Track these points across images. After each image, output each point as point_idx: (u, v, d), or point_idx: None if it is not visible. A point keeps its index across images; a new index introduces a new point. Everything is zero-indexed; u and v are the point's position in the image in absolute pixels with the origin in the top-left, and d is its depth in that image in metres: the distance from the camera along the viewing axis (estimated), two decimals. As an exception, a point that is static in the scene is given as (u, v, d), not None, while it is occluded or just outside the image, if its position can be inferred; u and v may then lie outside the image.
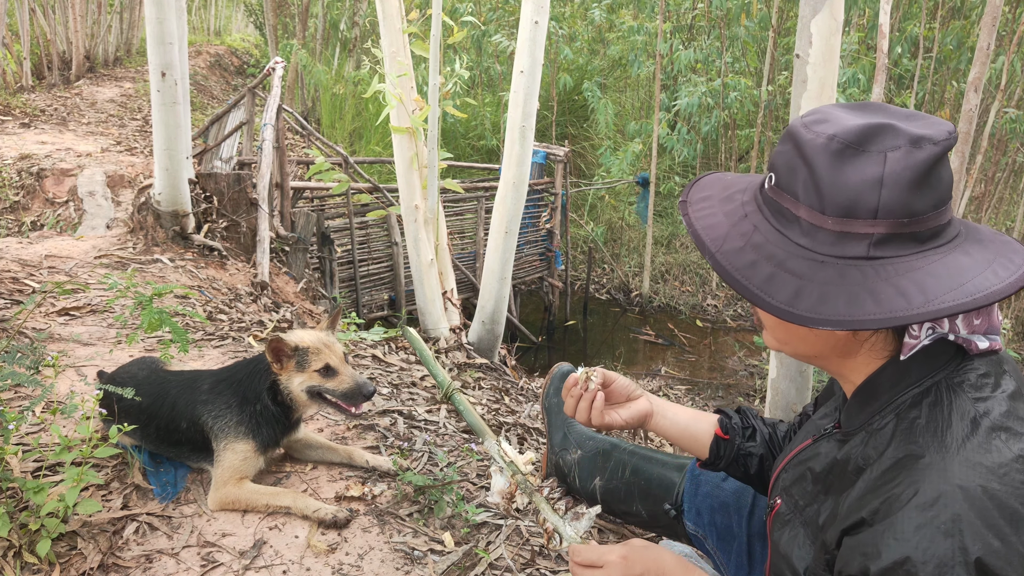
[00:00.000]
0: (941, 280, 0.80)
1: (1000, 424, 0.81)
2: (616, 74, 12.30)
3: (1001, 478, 0.77)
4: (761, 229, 0.89)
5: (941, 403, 0.85)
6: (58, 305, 2.98)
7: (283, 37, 14.88)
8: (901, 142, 0.81)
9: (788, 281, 0.83)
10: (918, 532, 0.77)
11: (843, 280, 0.81)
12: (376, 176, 9.91)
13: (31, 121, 8.86)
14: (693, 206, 0.97)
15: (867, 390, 0.93)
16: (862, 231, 0.82)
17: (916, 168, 0.80)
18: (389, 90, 3.75)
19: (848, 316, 0.79)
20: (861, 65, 7.78)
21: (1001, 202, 8.89)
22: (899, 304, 0.78)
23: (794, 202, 0.86)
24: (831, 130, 0.83)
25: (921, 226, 0.82)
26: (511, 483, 1.39)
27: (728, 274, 0.87)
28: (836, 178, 0.82)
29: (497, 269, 3.98)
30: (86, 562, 1.52)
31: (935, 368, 0.87)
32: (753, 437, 1.36)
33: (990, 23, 2.98)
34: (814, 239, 0.84)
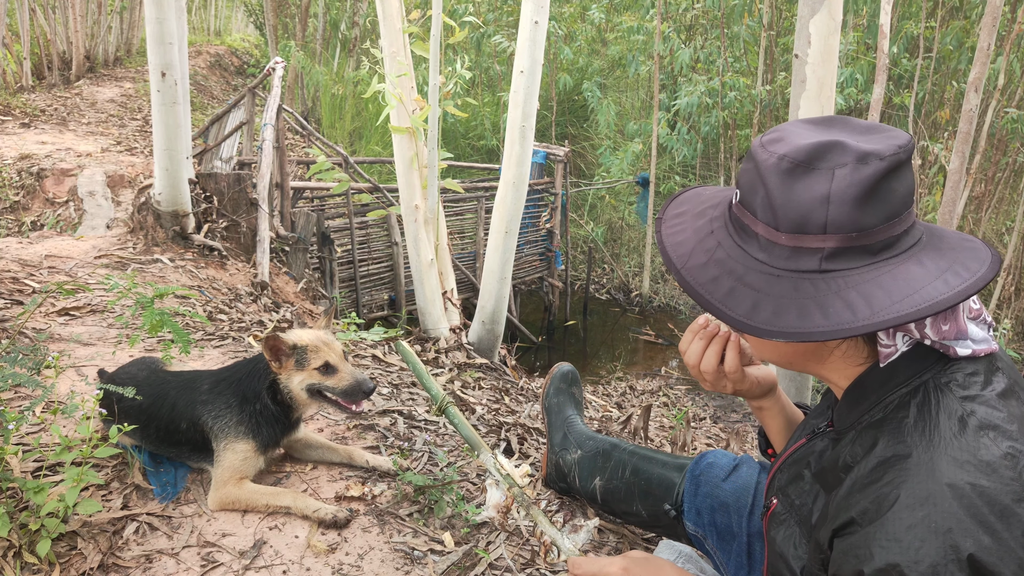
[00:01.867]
0: (889, 292, 0.82)
1: (988, 422, 0.82)
2: (616, 74, 12.30)
3: (990, 475, 0.78)
4: (724, 245, 0.92)
5: (928, 402, 0.86)
6: (58, 305, 2.99)
7: (283, 37, 14.88)
8: (848, 159, 0.83)
9: (747, 295, 0.86)
10: (909, 532, 0.78)
11: (796, 293, 0.84)
12: (376, 176, 9.91)
13: (31, 121, 8.86)
14: (667, 223, 1.00)
15: (856, 390, 0.95)
16: (813, 246, 0.85)
17: (862, 184, 0.82)
18: (389, 90, 3.75)
19: (799, 328, 0.82)
20: (859, 65, 7.78)
21: (1001, 202, 8.89)
22: (846, 316, 0.81)
23: (753, 219, 0.89)
24: (783, 149, 0.86)
25: (871, 239, 0.84)
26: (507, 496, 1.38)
27: (692, 288, 0.90)
28: (787, 196, 0.85)
29: (497, 269, 3.99)
30: (86, 562, 1.52)
31: (923, 368, 0.89)
32: None
33: (990, 23, 2.98)
34: (771, 254, 0.88)
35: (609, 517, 1.95)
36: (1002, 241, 8.58)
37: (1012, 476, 0.79)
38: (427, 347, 3.76)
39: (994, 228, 8.79)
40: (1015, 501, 0.78)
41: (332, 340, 1.83)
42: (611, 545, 1.83)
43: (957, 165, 3.17)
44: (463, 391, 2.93)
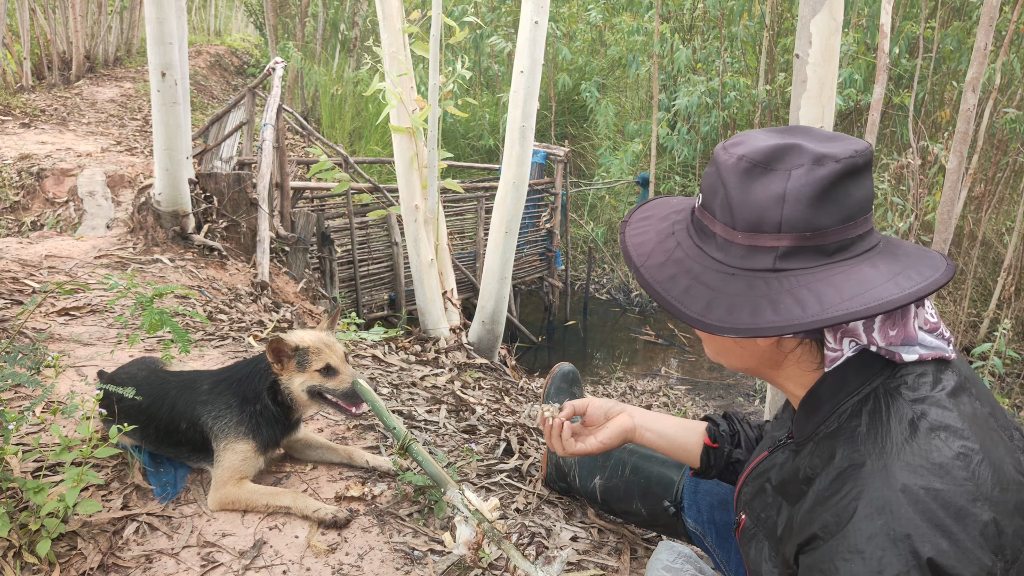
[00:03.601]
0: (840, 290, 0.83)
1: (939, 423, 0.83)
2: (616, 74, 12.30)
3: (943, 477, 0.79)
4: (684, 245, 0.94)
5: (879, 409, 0.87)
6: (58, 305, 2.98)
7: (283, 37, 14.88)
8: (804, 160, 0.85)
9: (702, 293, 0.88)
10: (870, 543, 0.79)
11: (750, 291, 0.86)
12: (376, 176, 9.91)
13: (31, 121, 8.86)
14: (631, 226, 1.03)
15: (810, 400, 0.96)
16: (768, 244, 0.86)
17: (816, 184, 0.84)
18: (389, 89, 3.75)
19: (751, 324, 0.83)
20: (858, 65, 7.77)
21: (1002, 202, 8.89)
22: (796, 312, 0.83)
23: (712, 219, 0.91)
24: (742, 151, 0.89)
25: (825, 239, 0.86)
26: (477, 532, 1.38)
27: (650, 286, 0.92)
28: (744, 195, 0.87)
29: (497, 269, 3.99)
30: (86, 562, 1.52)
31: (872, 375, 0.90)
32: (739, 443, 1.38)
33: (987, 23, 2.98)
34: (727, 253, 0.90)
35: (609, 517, 1.95)
36: (1002, 241, 8.58)
37: (965, 476, 0.79)
38: (427, 347, 3.76)
39: (994, 228, 8.79)
40: (970, 501, 0.79)
41: (334, 342, 1.83)
42: (611, 545, 1.83)
43: (955, 165, 3.17)
44: (463, 391, 2.93)
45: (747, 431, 1.39)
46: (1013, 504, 0.81)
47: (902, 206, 6.24)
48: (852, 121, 9.50)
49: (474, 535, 1.38)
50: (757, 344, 0.95)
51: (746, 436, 1.38)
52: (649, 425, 1.41)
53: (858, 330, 0.89)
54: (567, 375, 2.15)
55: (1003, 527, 0.79)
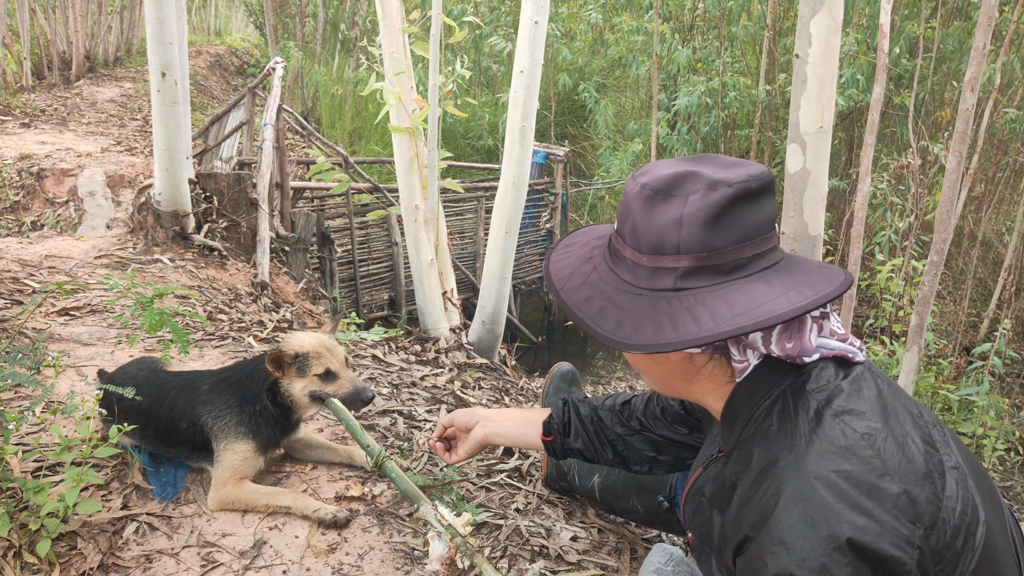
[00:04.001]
0: (733, 306, 0.89)
1: (843, 408, 0.89)
2: (616, 74, 12.30)
3: (851, 458, 0.84)
4: (599, 269, 1.01)
5: (788, 407, 0.92)
6: (58, 305, 2.98)
7: (283, 37, 14.88)
8: (700, 186, 0.91)
9: (613, 313, 0.94)
10: (791, 532, 0.82)
11: (654, 310, 0.92)
12: (376, 176, 9.91)
13: (31, 121, 8.86)
14: (556, 252, 1.10)
15: (729, 411, 1.01)
16: (669, 265, 0.93)
17: (710, 208, 0.90)
18: (388, 88, 3.75)
19: (653, 341, 0.89)
20: (859, 65, 7.77)
21: (1002, 202, 8.89)
22: (692, 328, 0.88)
23: (623, 244, 0.98)
24: (645, 180, 0.96)
25: (721, 259, 0.91)
26: (450, 547, 1.41)
27: (567, 307, 0.98)
28: (647, 220, 0.93)
29: (497, 269, 3.99)
30: (86, 562, 1.52)
31: (780, 378, 0.95)
32: (568, 431, 1.53)
33: (986, 23, 2.98)
34: (635, 275, 0.96)
35: (609, 517, 1.95)
36: (1002, 241, 8.58)
37: (872, 454, 0.84)
38: (427, 347, 3.75)
39: (994, 228, 8.79)
40: (879, 477, 0.83)
41: (335, 346, 1.83)
42: (611, 545, 1.83)
43: (955, 165, 3.17)
44: (463, 391, 2.93)
45: (583, 412, 1.53)
46: (922, 474, 0.85)
47: (902, 206, 6.24)
48: (853, 121, 9.50)
49: (447, 550, 1.41)
50: (670, 360, 1.00)
51: (580, 418, 1.52)
52: (498, 431, 1.57)
53: (757, 343, 0.94)
54: (566, 375, 2.15)
55: (915, 496, 0.83)
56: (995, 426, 4.60)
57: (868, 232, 7.60)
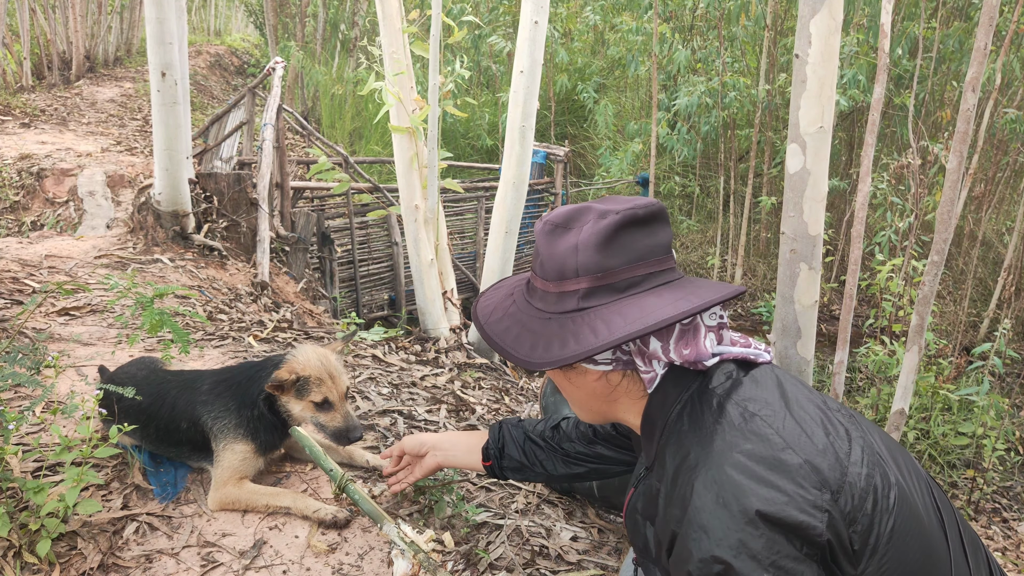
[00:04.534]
0: (625, 317, 0.97)
1: (743, 397, 0.96)
2: (616, 74, 12.29)
3: (751, 438, 0.90)
4: (518, 303, 1.10)
5: (696, 407, 0.99)
6: (58, 305, 2.98)
7: (283, 37, 14.87)
8: (591, 216, 1.02)
9: (527, 337, 1.03)
10: (708, 516, 0.87)
11: (561, 330, 1.00)
12: (376, 176, 9.91)
13: (31, 121, 8.86)
14: (484, 295, 1.19)
15: (646, 424, 1.07)
16: (571, 288, 1.02)
17: (600, 233, 1.00)
18: (388, 88, 3.75)
19: (560, 356, 0.98)
20: (860, 65, 7.77)
21: (1002, 202, 8.89)
22: (590, 340, 0.97)
23: (535, 276, 1.08)
24: (549, 217, 1.07)
25: (615, 278, 1.00)
26: (414, 564, 1.45)
27: (490, 337, 1.07)
28: (550, 250, 1.04)
29: (497, 269, 3.98)
30: (86, 562, 1.52)
31: (688, 384, 1.02)
32: (503, 455, 1.62)
33: (987, 23, 2.97)
34: (545, 302, 1.05)
35: (609, 517, 1.95)
36: (1002, 241, 8.58)
37: (772, 432, 0.91)
38: (427, 347, 3.75)
39: (994, 228, 8.79)
40: (780, 451, 0.89)
41: (339, 373, 1.80)
42: (611, 545, 1.83)
43: (955, 165, 3.17)
44: (463, 391, 2.93)
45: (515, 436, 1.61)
46: (822, 446, 0.91)
47: (902, 206, 6.24)
48: (853, 121, 9.50)
49: (411, 567, 1.45)
50: (588, 382, 1.08)
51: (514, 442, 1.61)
52: (447, 460, 1.69)
53: (658, 352, 1.01)
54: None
55: (817, 464, 0.89)
56: (995, 426, 4.60)
57: (868, 232, 7.61)
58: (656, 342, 1.01)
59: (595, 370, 1.06)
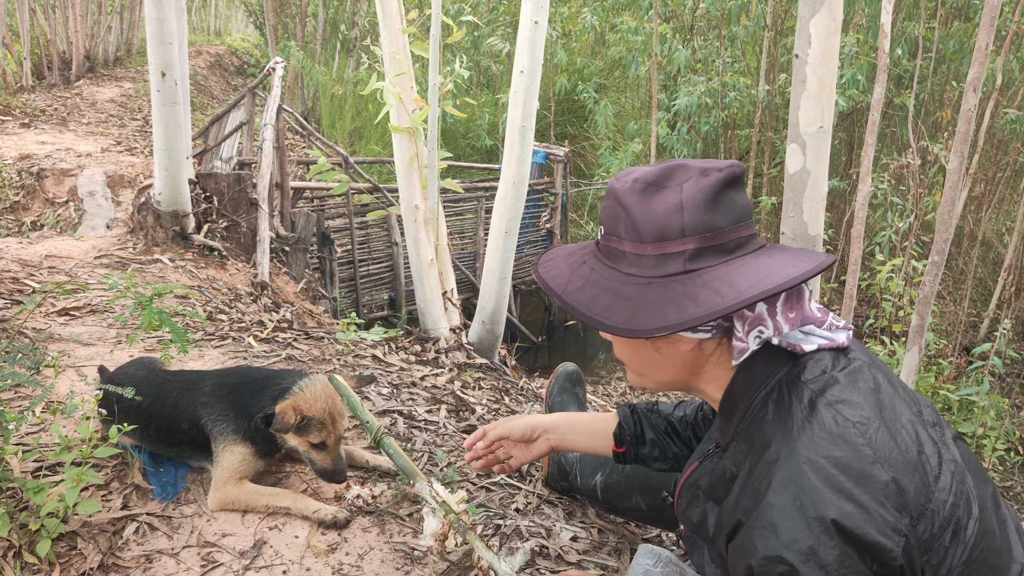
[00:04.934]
0: (748, 276, 0.93)
1: (836, 399, 0.91)
2: (616, 74, 12.29)
3: (841, 445, 0.86)
4: (597, 270, 1.03)
5: (783, 397, 0.95)
6: (58, 305, 2.98)
7: (283, 37, 14.87)
8: (691, 174, 0.97)
9: (624, 305, 0.96)
10: (780, 515, 0.84)
11: (668, 294, 0.94)
12: (376, 176, 9.91)
13: (31, 121, 8.86)
14: (542, 265, 1.12)
15: (726, 403, 1.03)
16: (676, 250, 0.96)
17: (707, 191, 0.95)
18: (389, 89, 3.75)
19: (677, 320, 0.91)
20: (860, 65, 7.77)
21: (1002, 202, 8.89)
22: (715, 301, 0.91)
23: (619, 240, 1.01)
24: (635, 176, 1.00)
25: (724, 239, 0.96)
26: (444, 524, 1.41)
27: (574, 308, 1.00)
28: (646, 211, 0.97)
29: (497, 269, 3.99)
30: (86, 562, 1.52)
31: (776, 368, 0.98)
32: (643, 441, 1.49)
33: (988, 23, 2.98)
34: (640, 267, 0.98)
35: (609, 517, 1.95)
36: (1002, 241, 8.58)
37: (863, 442, 0.86)
38: (427, 347, 3.75)
39: (994, 228, 8.79)
40: (869, 464, 0.84)
41: (340, 416, 1.78)
42: (611, 545, 1.83)
43: (956, 165, 3.17)
44: (463, 391, 2.93)
45: (655, 422, 1.49)
46: (912, 464, 0.87)
47: (902, 206, 6.24)
48: (853, 121, 9.50)
49: (441, 526, 1.41)
50: (681, 352, 1.02)
51: (652, 429, 1.49)
52: (564, 444, 1.56)
53: (764, 316, 0.97)
54: (571, 375, 2.15)
55: (904, 486, 0.84)
56: (995, 426, 4.60)
57: (868, 232, 7.60)
58: (762, 306, 0.96)
59: (691, 338, 1.00)
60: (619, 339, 1.08)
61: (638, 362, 1.09)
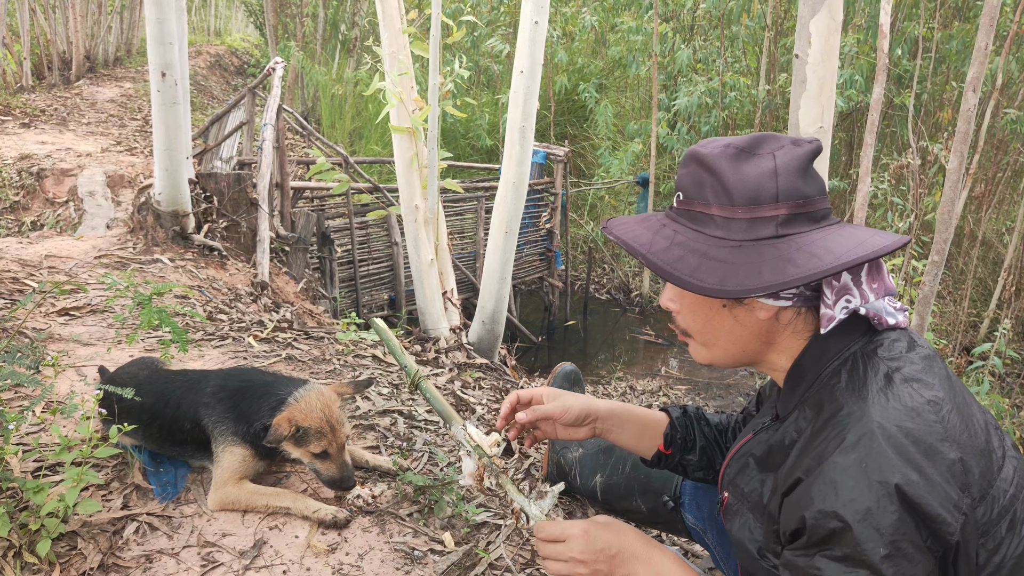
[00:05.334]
0: (842, 243, 0.94)
1: (913, 376, 0.92)
2: (616, 74, 12.29)
3: (915, 418, 0.87)
4: (680, 232, 1.01)
5: (857, 368, 0.96)
6: (58, 305, 2.98)
7: (283, 37, 14.86)
8: (784, 143, 0.98)
9: (714, 267, 0.95)
10: (843, 474, 0.85)
11: (761, 256, 0.94)
12: (376, 176, 9.91)
13: (31, 121, 8.86)
14: (616, 228, 1.10)
15: (794, 373, 1.03)
16: (768, 214, 0.96)
17: (800, 159, 0.97)
18: (389, 89, 3.75)
19: (774, 281, 0.91)
20: (859, 65, 7.77)
21: (1002, 202, 8.89)
22: (814, 263, 0.91)
23: (706, 205, 0.99)
24: (724, 142, 1.00)
25: (813, 207, 0.97)
26: (479, 465, 1.40)
27: (661, 268, 0.98)
28: (738, 175, 0.97)
29: (497, 269, 3.99)
30: (86, 562, 1.52)
31: (851, 342, 0.99)
32: (692, 449, 1.42)
33: (988, 23, 2.98)
34: (728, 230, 0.97)
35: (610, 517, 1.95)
36: (1002, 241, 8.58)
37: (935, 419, 0.87)
38: (427, 347, 3.75)
39: (994, 228, 8.79)
40: (939, 440, 0.86)
41: (340, 424, 1.75)
42: (611, 545, 1.83)
43: (956, 165, 3.17)
44: (463, 391, 2.93)
45: (705, 431, 1.42)
46: (980, 449, 0.88)
47: (902, 206, 6.24)
48: (853, 121, 9.49)
49: (477, 467, 1.39)
50: (756, 318, 1.01)
51: (703, 436, 1.41)
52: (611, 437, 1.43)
53: (850, 285, 0.97)
54: (569, 375, 2.15)
55: (970, 467, 0.86)
56: (995, 426, 4.60)
57: (868, 232, 7.59)
58: (847, 276, 0.97)
59: (770, 306, 0.99)
60: (691, 307, 1.06)
61: (709, 332, 1.06)
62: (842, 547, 0.84)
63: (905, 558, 0.82)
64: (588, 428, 1.41)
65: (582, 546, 1.11)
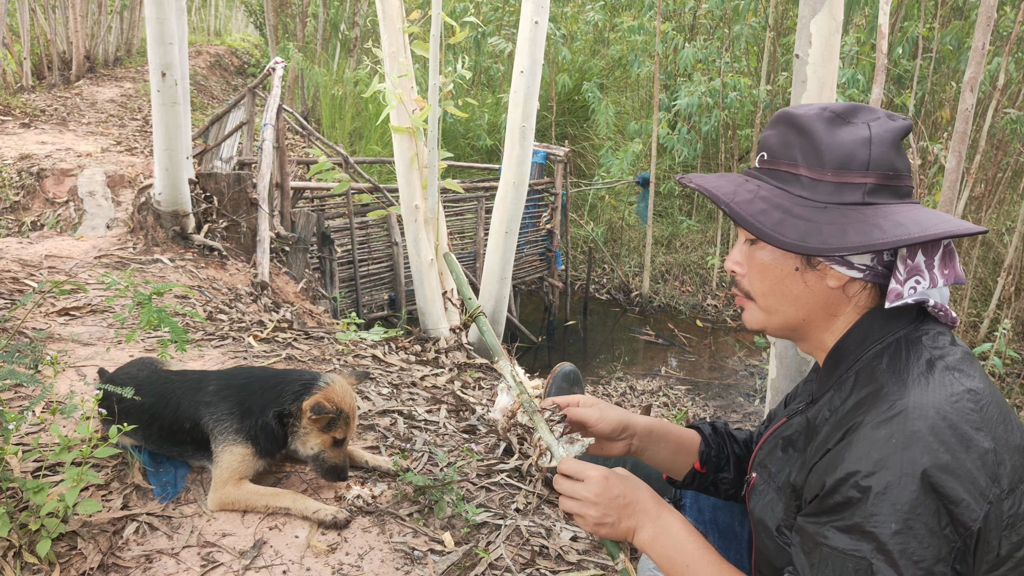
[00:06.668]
0: (926, 219, 0.94)
1: (954, 366, 0.92)
2: (617, 74, 12.29)
3: (953, 404, 0.86)
4: (764, 188, 1.02)
5: (899, 352, 0.96)
6: (58, 305, 2.98)
7: (283, 37, 14.87)
8: (880, 115, 0.99)
9: (797, 224, 0.95)
10: (872, 446, 0.85)
11: (846, 219, 0.94)
12: (376, 176, 9.91)
13: (31, 121, 8.86)
14: (696, 178, 1.10)
15: (835, 354, 1.03)
16: (857, 180, 0.96)
17: (895, 132, 0.97)
18: (390, 89, 3.75)
19: (860, 242, 0.91)
20: (860, 66, 7.77)
21: (1002, 202, 8.88)
22: (901, 231, 0.91)
23: (793, 164, 1.00)
24: (822, 105, 1.01)
25: (901, 182, 0.98)
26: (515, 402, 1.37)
27: (744, 219, 0.98)
28: (832, 139, 0.97)
29: (497, 269, 3.99)
30: (86, 562, 1.52)
31: (895, 328, 0.99)
32: (726, 467, 1.36)
33: (984, 23, 2.98)
34: (814, 191, 0.98)
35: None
36: (1002, 241, 8.57)
37: (973, 408, 0.87)
38: (427, 347, 3.75)
39: (994, 228, 8.79)
40: (975, 429, 0.85)
41: (355, 413, 1.80)
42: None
43: (954, 165, 3.17)
44: (463, 391, 2.93)
45: (734, 449, 1.37)
46: (1016, 445, 0.88)
47: (902, 206, 6.23)
48: (852, 121, 9.47)
49: (512, 404, 1.37)
50: (825, 286, 1.01)
51: (734, 455, 1.36)
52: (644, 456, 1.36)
53: (922, 267, 0.97)
54: (568, 375, 2.15)
55: (1003, 458, 0.85)
56: (995, 426, 4.59)
57: (868, 232, 7.58)
58: (921, 257, 0.96)
59: (842, 274, 0.99)
60: (761, 269, 1.05)
61: (775, 296, 1.05)
62: (853, 516, 0.84)
63: (915, 538, 0.81)
64: (624, 444, 1.33)
65: (598, 489, 1.12)
